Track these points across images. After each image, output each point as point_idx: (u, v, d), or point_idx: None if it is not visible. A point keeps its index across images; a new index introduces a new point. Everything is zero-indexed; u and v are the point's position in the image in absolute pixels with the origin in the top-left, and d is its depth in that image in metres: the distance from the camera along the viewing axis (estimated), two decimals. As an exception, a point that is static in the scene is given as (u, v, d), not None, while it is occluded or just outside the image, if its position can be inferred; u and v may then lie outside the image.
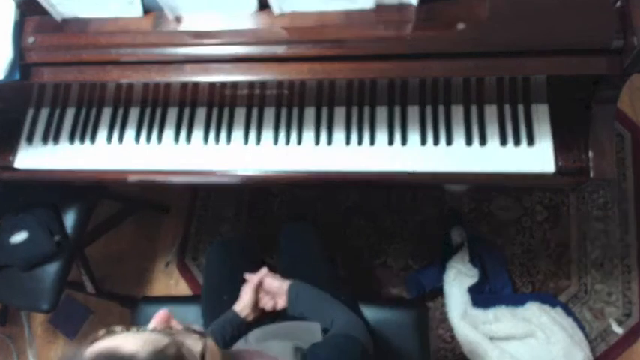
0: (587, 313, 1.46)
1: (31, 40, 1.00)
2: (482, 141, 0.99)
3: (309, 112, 1.06)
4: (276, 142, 1.05)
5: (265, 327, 0.92)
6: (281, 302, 0.96)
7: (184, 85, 1.03)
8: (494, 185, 1.02)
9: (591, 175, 0.93)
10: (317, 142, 1.04)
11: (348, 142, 1.03)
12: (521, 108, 1.00)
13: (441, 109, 1.03)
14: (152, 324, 0.59)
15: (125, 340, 0.50)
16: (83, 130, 1.13)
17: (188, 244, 1.75)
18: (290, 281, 0.96)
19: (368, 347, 0.81)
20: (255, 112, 1.08)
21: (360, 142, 1.02)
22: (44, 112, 1.17)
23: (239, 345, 0.88)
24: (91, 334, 0.52)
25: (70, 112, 1.16)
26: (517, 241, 1.56)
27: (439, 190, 1.61)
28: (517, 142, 0.98)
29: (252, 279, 0.99)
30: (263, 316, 0.98)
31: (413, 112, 1.03)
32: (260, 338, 0.88)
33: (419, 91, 1.00)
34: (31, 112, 1.18)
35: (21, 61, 1.00)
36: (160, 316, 0.58)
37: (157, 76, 0.98)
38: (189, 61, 0.96)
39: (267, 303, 0.98)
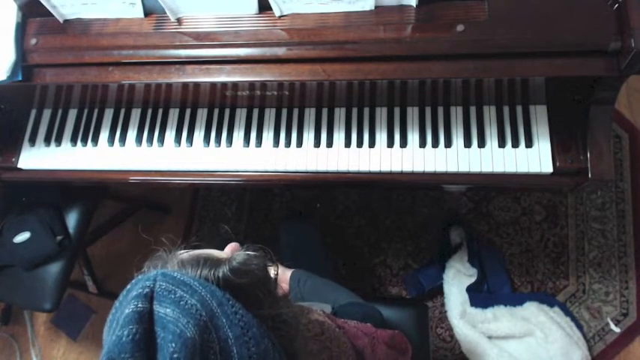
0: (585, 312, 1.47)
1: (33, 41, 1.01)
2: (481, 142, 1.00)
3: (310, 113, 1.07)
4: (276, 143, 1.06)
5: None
6: (283, 288, 0.97)
7: (185, 86, 1.04)
8: (493, 186, 1.02)
9: (589, 175, 0.94)
10: (317, 143, 1.05)
11: (347, 144, 1.04)
12: (519, 109, 1.01)
13: (440, 110, 1.03)
14: (227, 251, 0.61)
15: (214, 251, 0.51)
16: (85, 131, 1.14)
17: (189, 244, 1.75)
18: (292, 270, 0.98)
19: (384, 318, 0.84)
20: (255, 113, 1.09)
21: (359, 144, 1.03)
22: (46, 113, 1.18)
23: None
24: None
25: (72, 113, 1.17)
26: (515, 241, 1.57)
27: (438, 191, 1.62)
28: (515, 143, 0.99)
29: None
30: None
31: (412, 113, 1.04)
32: None
33: (418, 92, 1.01)
34: (33, 113, 1.18)
35: (23, 63, 1.01)
36: (232, 246, 0.60)
37: (159, 78, 0.98)
38: (190, 63, 0.97)
39: None
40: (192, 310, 0.41)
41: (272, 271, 0.56)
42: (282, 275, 0.98)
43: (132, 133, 1.12)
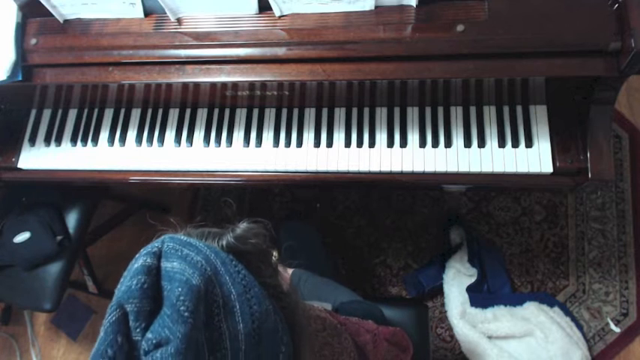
0: (585, 312, 1.47)
1: (33, 41, 1.01)
2: (481, 142, 1.00)
3: (310, 113, 1.07)
4: (276, 142, 1.06)
5: None
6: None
7: (185, 86, 1.04)
8: (493, 186, 1.02)
9: (589, 175, 0.94)
10: (317, 143, 1.05)
11: (347, 144, 1.04)
12: (519, 109, 1.01)
13: (440, 110, 1.03)
14: None
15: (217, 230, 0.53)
16: (85, 131, 1.14)
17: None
18: (292, 269, 0.98)
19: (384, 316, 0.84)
20: (255, 113, 1.09)
21: (359, 144, 1.03)
22: (46, 113, 1.18)
23: None
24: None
25: (72, 113, 1.17)
26: (515, 241, 1.57)
27: (438, 191, 1.62)
28: (515, 143, 0.99)
29: None
30: None
31: (412, 113, 1.04)
32: None
33: (418, 92, 1.01)
34: (33, 113, 1.18)
35: (23, 63, 1.01)
36: None
37: (159, 78, 0.99)
38: (190, 63, 0.97)
39: None
40: (198, 265, 0.42)
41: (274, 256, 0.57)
42: (283, 275, 0.99)
43: (132, 133, 1.12)
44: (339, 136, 1.05)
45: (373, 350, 0.69)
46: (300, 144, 1.05)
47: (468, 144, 1.00)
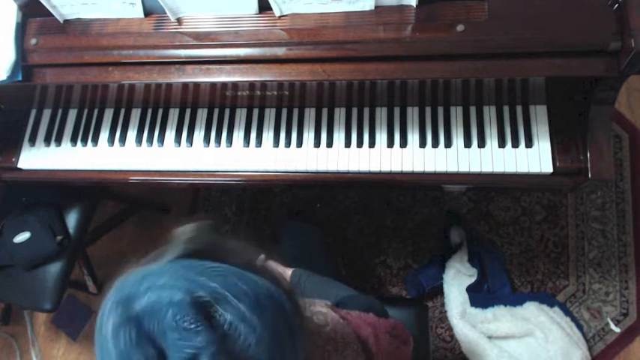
0: (585, 312, 1.47)
1: (33, 41, 1.01)
2: (481, 142, 1.00)
3: (310, 113, 1.07)
4: (276, 142, 1.06)
5: None
6: None
7: (185, 86, 1.04)
8: (493, 186, 1.03)
9: (589, 175, 0.94)
10: (317, 143, 1.05)
11: (347, 144, 1.04)
12: (519, 109, 1.01)
13: (440, 110, 1.03)
14: None
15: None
16: (85, 131, 1.14)
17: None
18: (292, 269, 0.98)
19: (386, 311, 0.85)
20: (255, 113, 1.09)
21: (359, 144, 1.03)
22: (46, 113, 1.18)
23: None
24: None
25: (72, 113, 1.17)
26: (515, 241, 1.57)
27: (438, 191, 1.62)
28: (515, 143, 0.99)
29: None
30: None
31: (412, 113, 1.04)
32: None
33: (418, 92, 1.01)
34: (33, 113, 1.18)
35: (23, 63, 1.01)
36: None
37: (159, 78, 0.99)
38: (190, 63, 0.97)
39: None
40: (169, 285, 0.42)
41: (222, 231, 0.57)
42: (283, 274, 0.99)
43: (132, 133, 1.12)
44: (339, 136, 1.05)
45: (375, 343, 0.70)
46: (300, 144, 1.05)
47: (468, 144, 1.00)
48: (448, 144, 1.00)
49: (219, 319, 0.40)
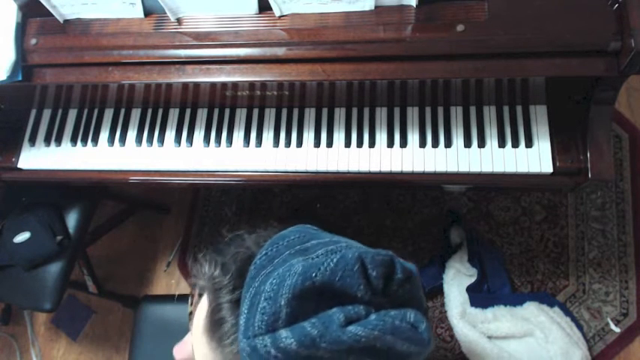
0: (585, 312, 1.47)
1: (33, 41, 1.01)
2: (481, 142, 1.00)
3: (310, 113, 1.07)
4: (276, 143, 1.06)
5: None
6: None
7: (185, 86, 1.04)
8: (493, 186, 1.03)
9: (589, 175, 0.94)
10: (317, 143, 1.05)
11: (347, 144, 1.04)
12: (519, 109, 1.01)
13: (440, 110, 1.03)
14: None
15: None
16: (85, 131, 1.14)
17: (189, 244, 1.75)
18: None
19: None
20: (255, 113, 1.09)
21: (359, 144, 1.03)
22: (46, 113, 1.18)
23: None
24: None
25: (72, 113, 1.17)
26: (515, 241, 1.57)
27: (438, 191, 1.62)
28: (515, 143, 0.99)
29: None
30: None
31: (412, 113, 1.04)
32: None
33: (418, 92, 1.01)
34: (33, 113, 1.19)
35: (23, 63, 1.01)
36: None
37: (159, 78, 0.99)
38: (190, 63, 0.97)
39: None
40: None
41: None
42: None
43: (132, 133, 1.12)
44: (339, 136, 1.05)
45: None
46: (300, 144, 1.05)
47: (468, 144, 1.00)
48: (448, 144, 1.00)
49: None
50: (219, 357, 0.50)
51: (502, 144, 0.99)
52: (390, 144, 1.02)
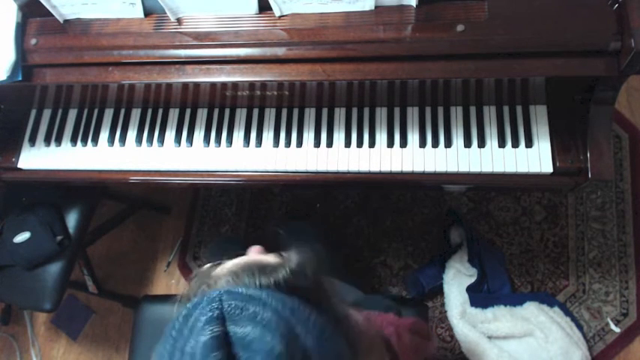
0: (585, 312, 1.47)
1: (33, 41, 1.01)
2: (481, 142, 1.00)
3: (310, 113, 1.07)
4: (276, 143, 1.06)
5: None
6: None
7: (185, 86, 1.04)
8: (493, 186, 1.02)
9: (589, 175, 0.94)
10: (317, 143, 1.05)
11: (347, 144, 1.04)
12: (519, 109, 1.01)
13: (440, 110, 1.03)
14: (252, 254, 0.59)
15: (259, 257, 0.50)
16: (85, 131, 1.14)
17: (189, 244, 1.76)
18: None
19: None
20: (255, 113, 1.09)
21: (359, 144, 1.03)
22: (46, 113, 1.18)
23: None
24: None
25: (72, 113, 1.17)
26: (515, 241, 1.57)
27: (438, 191, 1.62)
28: (515, 143, 0.99)
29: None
30: None
31: (412, 113, 1.04)
32: None
33: (418, 92, 1.01)
34: (33, 113, 1.18)
35: (23, 63, 1.01)
36: (256, 249, 0.59)
37: (159, 78, 0.99)
38: (190, 63, 0.97)
39: None
40: (272, 325, 0.39)
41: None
42: None
43: (132, 133, 1.12)
44: (339, 136, 1.05)
45: (398, 342, 0.70)
46: (300, 144, 1.05)
47: (467, 144, 1.00)
48: (448, 144, 1.00)
49: None
50: None
51: (502, 144, 0.99)
52: (390, 144, 1.02)
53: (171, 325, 0.43)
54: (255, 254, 0.56)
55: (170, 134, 1.11)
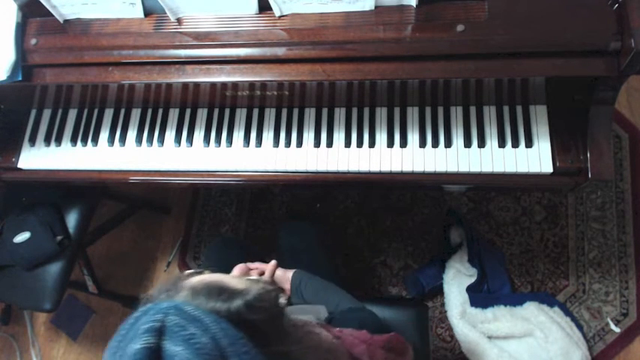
0: (585, 312, 1.47)
1: (33, 41, 1.01)
2: (481, 142, 1.00)
3: (310, 113, 1.07)
4: (276, 143, 1.06)
5: None
6: (285, 289, 0.97)
7: (185, 86, 1.04)
8: (493, 186, 1.02)
9: (589, 175, 0.94)
10: (317, 143, 1.05)
11: (347, 144, 1.04)
12: (519, 109, 1.01)
13: (440, 110, 1.03)
14: (236, 273, 0.60)
15: (227, 279, 0.50)
16: (85, 131, 1.14)
17: (189, 244, 1.76)
18: (293, 270, 0.98)
19: (382, 323, 0.84)
20: (255, 113, 1.09)
21: (359, 144, 1.03)
22: (46, 113, 1.18)
23: None
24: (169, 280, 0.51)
25: (72, 113, 1.17)
26: (515, 241, 1.57)
27: (438, 191, 1.62)
28: (515, 143, 0.99)
29: (271, 265, 0.99)
30: None
31: (412, 113, 1.04)
32: None
33: (418, 92, 1.01)
34: (33, 113, 1.19)
35: (23, 63, 1.01)
36: (241, 268, 0.59)
37: (159, 78, 0.99)
38: (190, 63, 0.97)
39: None
40: (204, 351, 0.40)
41: (282, 300, 0.55)
42: (284, 276, 0.98)
43: (132, 133, 1.12)
44: (339, 136, 1.05)
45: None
46: (300, 144, 1.05)
47: (467, 144, 1.00)
48: (448, 144, 1.00)
49: None
50: None
51: (502, 144, 0.99)
52: (390, 144, 1.02)
53: (125, 323, 0.44)
54: (237, 271, 0.57)
55: (170, 134, 1.11)
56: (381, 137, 1.03)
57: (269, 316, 0.48)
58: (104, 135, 1.13)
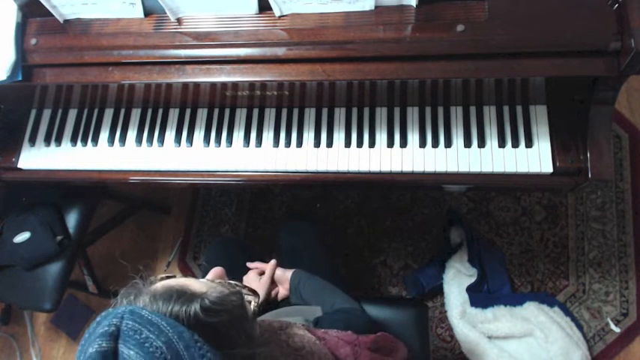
0: (585, 312, 1.47)
1: (33, 41, 1.01)
2: (481, 142, 1.00)
3: (310, 113, 1.07)
4: (276, 143, 1.06)
5: (270, 312, 0.93)
6: (283, 290, 0.98)
7: (185, 86, 1.04)
8: (493, 186, 1.03)
9: (589, 175, 0.94)
10: (317, 143, 1.05)
11: (347, 144, 1.04)
12: (519, 109, 1.01)
13: (440, 110, 1.03)
14: (209, 277, 0.60)
15: (191, 282, 0.51)
16: (85, 131, 1.14)
17: (189, 244, 1.76)
18: (292, 270, 0.98)
19: (371, 323, 0.83)
20: (255, 113, 1.09)
21: (359, 144, 1.03)
22: (46, 113, 1.18)
23: None
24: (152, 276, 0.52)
25: (72, 113, 1.17)
26: (516, 241, 1.57)
27: (438, 191, 1.62)
28: (515, 143, 0.99)
29: (271, 265, 0.99)
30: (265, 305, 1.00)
31: (412, 113, 1.04)
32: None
33: (418, 92, 1.01)
34: (33, 113, 1.19)
35: (23, 63, 1.01)
36: (216, 271, 0.60)
37: (159, 78, 0.99)
38: (190, 63, 0.97)
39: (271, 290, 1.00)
40: (157, 354, 0.40)
41: (252, 305, 0.55)
42: (283, 275, 0.99)
43: (132, 133, 1.12)
44: (339, 136, 1.05)
45: None
46: (300, 144, 1.05)
47: (467, 144, 1.00)
48: (448, 144, 1.00)
49: None
50: None
51: (502, 144, 0.99)
52: (390, 144, 1.02)
53: (91, 324, 0.45)
54: (211, 275, 0.57)
55: (170, 134, 1.11)
56: (381, 137, 1.03)
57: (229, 319, 0.48)
58: (104, 135, 1.13)
